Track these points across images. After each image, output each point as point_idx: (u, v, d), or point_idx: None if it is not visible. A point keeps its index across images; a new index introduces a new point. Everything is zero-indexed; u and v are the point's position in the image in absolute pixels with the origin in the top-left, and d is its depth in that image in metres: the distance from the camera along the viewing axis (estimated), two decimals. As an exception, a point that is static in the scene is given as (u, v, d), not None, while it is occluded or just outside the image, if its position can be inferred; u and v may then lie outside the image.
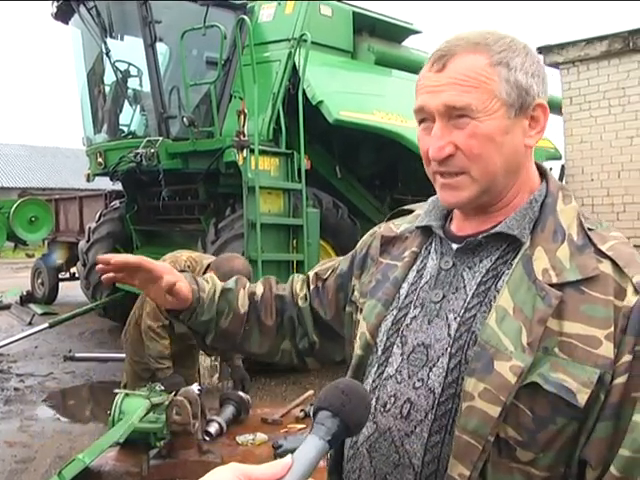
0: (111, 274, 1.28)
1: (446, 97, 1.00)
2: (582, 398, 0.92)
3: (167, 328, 3.68)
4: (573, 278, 0.97)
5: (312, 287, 1.37)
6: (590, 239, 1.00)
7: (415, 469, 1.02)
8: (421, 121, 1.06)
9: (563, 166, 8.79)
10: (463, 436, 0.97)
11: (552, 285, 0.97)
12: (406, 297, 1.12)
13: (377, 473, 1.06)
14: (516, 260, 1.01)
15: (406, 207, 1.31)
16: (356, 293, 1.25)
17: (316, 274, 1.38)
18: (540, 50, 8.59)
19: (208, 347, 1.41)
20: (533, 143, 1.05)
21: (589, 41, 8.14)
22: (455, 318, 1.04)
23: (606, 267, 0.97)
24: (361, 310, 1.19)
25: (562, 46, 8.34)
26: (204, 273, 3.55)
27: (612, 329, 0.93)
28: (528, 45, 1.05)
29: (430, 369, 1.03)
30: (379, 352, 1.11)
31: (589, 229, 1.02)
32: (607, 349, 0.93)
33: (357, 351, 1.15)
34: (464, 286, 1.05)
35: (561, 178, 9.33)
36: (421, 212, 1.20)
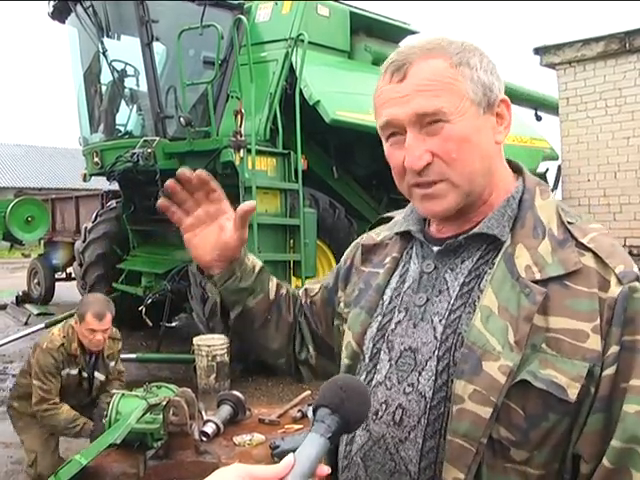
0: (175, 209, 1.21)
1: (416, 105, 0.98)
2: (573, 393, 0.92)
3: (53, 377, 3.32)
4: (556, 273, 0.96)
5: (303, 301, 1.34)
6: (571, 233, 1.00)
7: (412, 476, 1.00)
8: (389, 136, 1.04)
9: (559, 167, 8.81)
10: (455, 439, 0.95)
11: (536, 281, 0.96)
12: (390, 303, 1.11)
13: None
14: (498, 259, 1.01)
15: (385, 215, 1.30)
16: (341, 304, 1.24)
17: (305, 290, 1.36)
18: (537, 51, 8.62)
19: (226, 327, 1.31)
20: (502, 139, 1.05)
21: (586, 42, 8.16)
22: (440, 320, 1.02)
23: (588, 260, 0.97)
24: (346, 320, 1.18)
25: (559, 47, 8.36)
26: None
27: (598, 321, 0.93)
28: (479, 47, 1.06)
29: (419, 373, 1.02)
30: (366, 360, 1.10)
31: (569, 222, 1.02)
32: (595, 342, 0.92)
33: (345, 361, 1.14)
34: (447, 288, 1.05)
35: (558, 179, 9.36)
36: (399, 218, 1.19)
